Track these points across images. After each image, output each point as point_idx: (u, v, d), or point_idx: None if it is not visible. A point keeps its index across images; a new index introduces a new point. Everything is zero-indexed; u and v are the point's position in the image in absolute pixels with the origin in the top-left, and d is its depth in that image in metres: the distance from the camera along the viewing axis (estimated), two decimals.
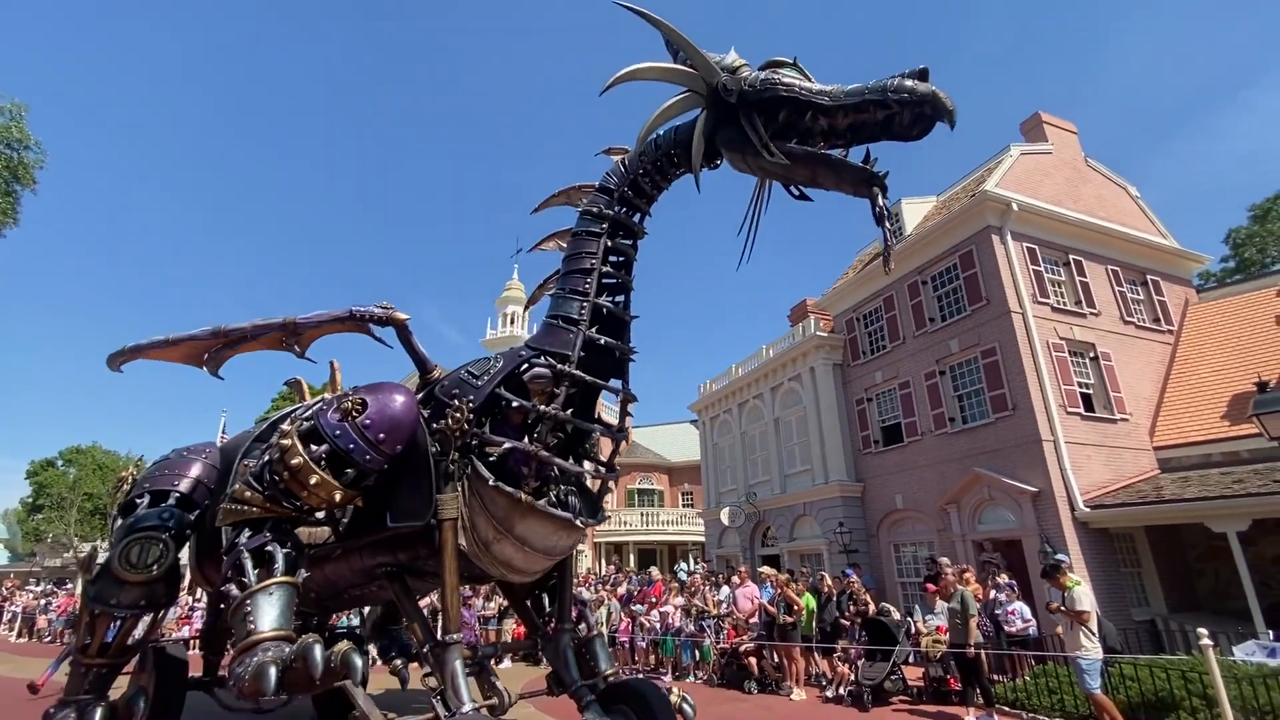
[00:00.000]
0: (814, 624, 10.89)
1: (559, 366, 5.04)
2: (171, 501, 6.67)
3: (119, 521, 6.79)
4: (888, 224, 4.41)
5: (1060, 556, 9.15)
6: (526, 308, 6.30)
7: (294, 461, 4.68)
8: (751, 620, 11.58)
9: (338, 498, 4.81)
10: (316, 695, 7.32)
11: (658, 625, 13.20)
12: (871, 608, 10.96)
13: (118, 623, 6.31)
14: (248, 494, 4.84)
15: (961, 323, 15.15)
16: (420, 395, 5.46)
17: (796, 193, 4.88)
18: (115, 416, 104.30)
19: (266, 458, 4.95)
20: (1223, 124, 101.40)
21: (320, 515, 5.41)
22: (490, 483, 4.73)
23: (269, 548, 4.58)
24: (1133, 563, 13.28)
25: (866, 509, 17.44)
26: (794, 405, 19.99)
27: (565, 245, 5.85)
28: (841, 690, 9.79)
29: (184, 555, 6.87)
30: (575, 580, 9.38)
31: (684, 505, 33.83)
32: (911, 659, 10.11)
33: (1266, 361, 13.55)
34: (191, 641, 15.42)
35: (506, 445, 4.85)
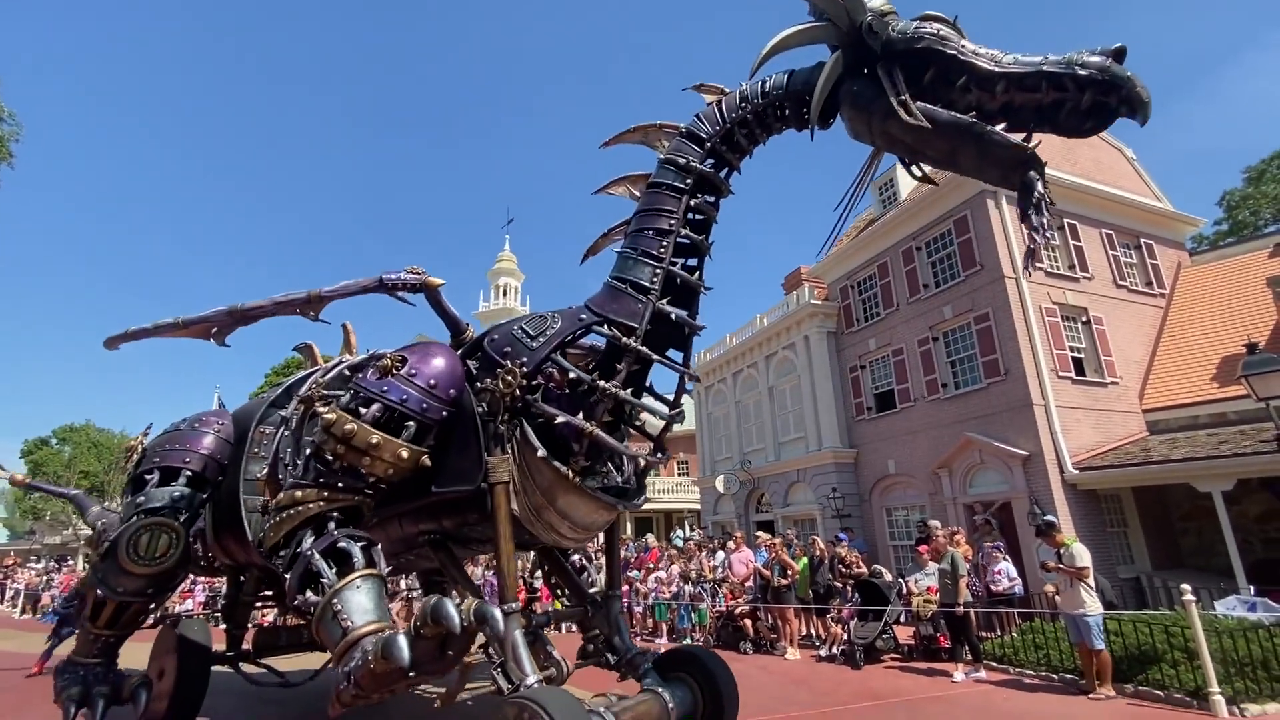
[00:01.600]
0: (807, 587, 11.12)
1: (624, 340, 4.58)
2: (182, 481, 6.42)
3: (128, 496, 6.63)
4: (1044, 216, 3.75)
5: (1049, 518, 9.34)
6: (586, 257, 5.64)
7: (347, 428, 4.27)
8: (746, 584, 11.81)
9: (404, 456, 4.39)
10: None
11: (653, 591, 13.45)
12: (863, 570, 11.18)
13: (123, 607, 6.25)
14: (299, 494, 4.42)
15: (955, 289, 15.14)
16: (461, 351, 5.11)
17: (919, 173, 4.26)
18: (107, 394, 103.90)
19: (309, 451, 4.54)
20: (1222, 85, 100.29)
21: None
22: (539, 454, 4.39)
23: (341, 544, 4.17)
24: (1119, 523, 13.55)
25: (859, 474, 17.67)
26: (788, 374, 20.07)
27: (638, 194, 5.21)
28: (834, 649, 10.04)
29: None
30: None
31: (679, 474, 34.18)
32: (903, 618, 10.36)
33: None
34: (203, 614, 15.62)
35: (560, 419, 4.46)
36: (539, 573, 14.58)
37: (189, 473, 6.47)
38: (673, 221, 4.83)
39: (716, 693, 4.92)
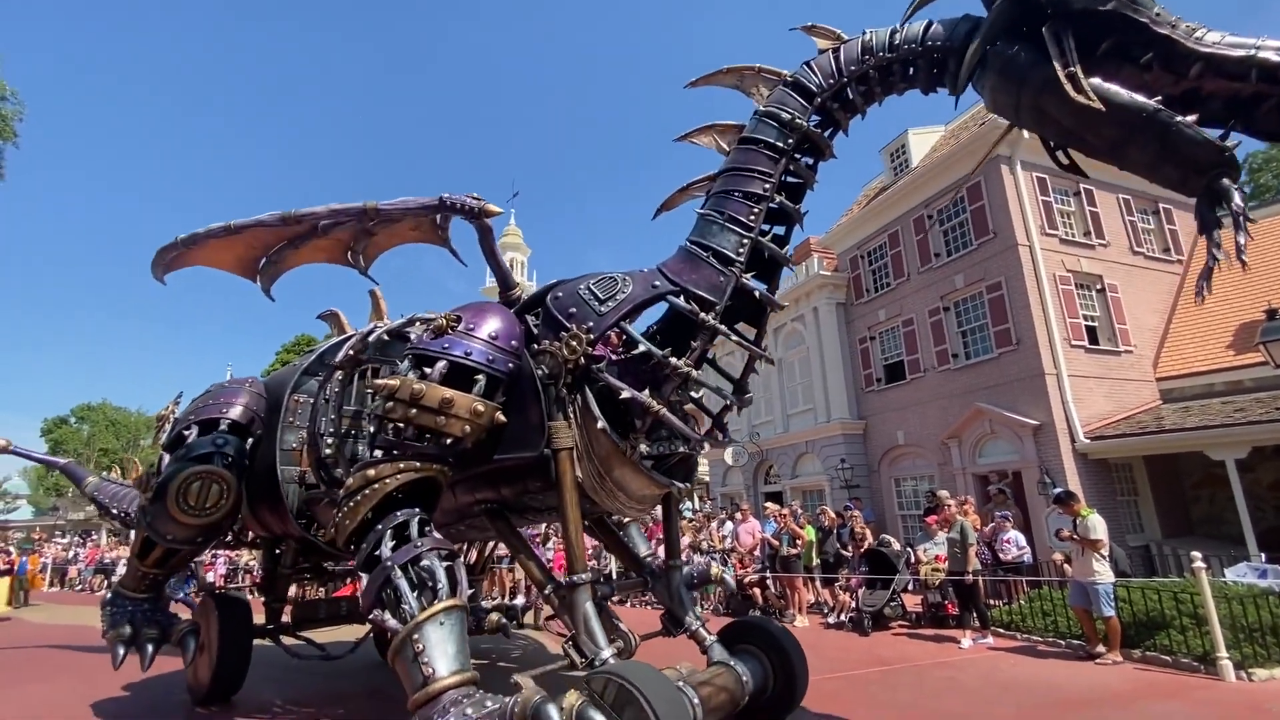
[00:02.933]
0: (816, 555, 11.22)
1: (702, 315, 4.23)
2: (224, 428, 6.24)
3: (165, 459, 6.44)
4: (1243, 232, 3.13)
5: (1058, 489, 9.33)
6: (659, 212, 5.08)
7: (415, 389, 3.95)
8: (754, 554, 11.93)
9: (480, 410, 4.07)
10: (380, 636, 6.89)
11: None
12: (869, 540, 11.26)
13: (173, 551, 6.19)
14: (370, 472, 4.05)
15: (967, 257, 14.91)
16: (517, 309, 4.82)
17: (1066, 160, 3.62)
18: (121, 374, 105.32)
19: (374, 428, 4.29)
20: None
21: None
22: (599, 425, 4.13)
23: (425, 561, 3.78)
24: (1130, 491, 13.52)
25: (868, 445, 17.68)
26: (797, 345, 19.97)
27: (727, 147, 4.72)
28: (843, 617, 10.16)
29: None
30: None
31: None
32: (911, 587, 10.45)
33: (1277, 290, 13.37)
34: (223, 588, 15.96)
35: (626, 394, 4.14)
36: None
37: (229, 421, 6.30)
38: (767, 186, 4.36)
39: (789, 667, 4.79)
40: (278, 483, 6.00)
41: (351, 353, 5.50)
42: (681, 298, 4.32)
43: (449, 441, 4.09)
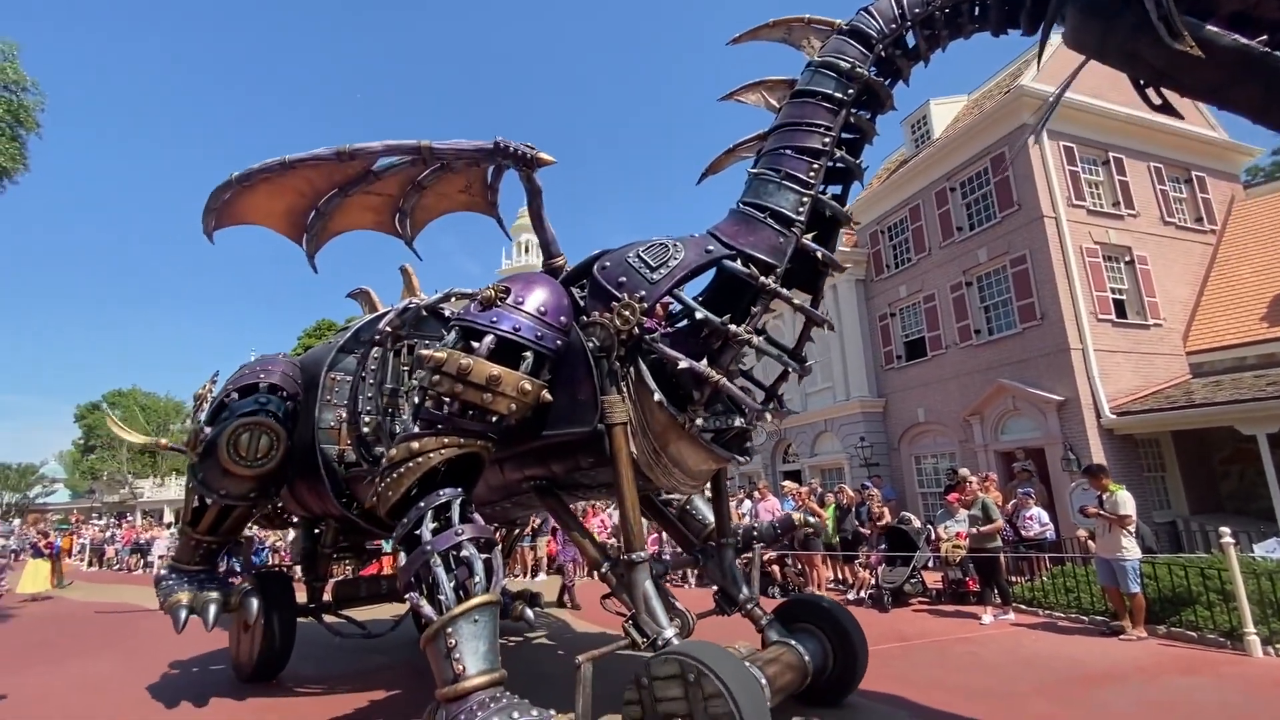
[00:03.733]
0: (835, 533, 11.24)
1: (762, 279, 4.04)
2: (264, 388, 6.22)
3: (206, 431, 6.34)
4: None
5: (1079, 480, 9.19)
6: (705, 176, 5.02)
7: (462, 363, 3.87)
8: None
9: (527, 389, 4.00)
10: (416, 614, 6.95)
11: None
12: (888, 517, 11.22)
13: (226, 510, 6.07)
14: (414, 445, 3.99)
15: (991, 230, 14.59)
16: (562, 279, 4.69)
17: (1158, 101, 3.31)
18: (149, 360, 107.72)
19: (418, 399, 4.23)
20: None
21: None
22: (655, 397, 4.00)
23: (464, 552, 3.81)
24: (1157, 467, 13.30)
25: (888, 423, 17.55)
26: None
27: (777, 103, 4.52)
28: (862, 594, 10.19)
29: None
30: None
31: None
32: (931, 564, 10.43)
33: None
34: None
35: (684, 364, 3.98)
36: (542, 540, 14.89)
37: (268, 384, 6.29)
38: (826, 140, 4.14)
39: (849, 646, 4.71)
40: (317, 462, 6.00)
41: (389, 329, 5.45)
42: (738, 261, 4.11)
43: (494, 419, 4.06)
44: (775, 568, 11.39)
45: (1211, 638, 6.66)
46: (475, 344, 4.08)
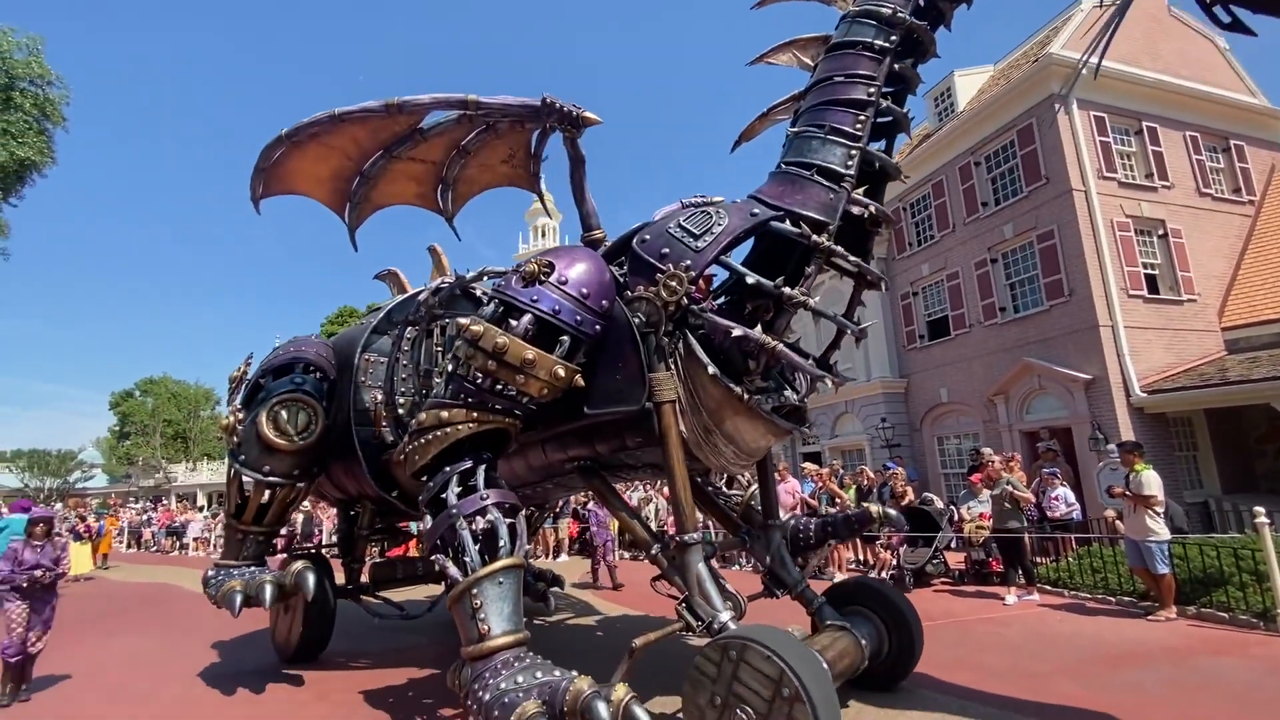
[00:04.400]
0: None
1: (815, 238, 3.90)
2: (299, 369, 6.20)
3: (242, 413, 6.35)
4: None
5: (1111, 446, 9.02)
6: (739, 144, 4.95)
7: (499, 341, 3.86)
8: (794, 513, 11.95)
9: (561, 374, 3.98)
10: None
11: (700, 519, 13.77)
12: (910, 497, 11.13)
13: (269, 491, 5.96)
14: (445, 414, 4.04)
15: (1017, 205, 14.22)
16: (601, 254, 4.58)
17: (1227, 18, 3.16)
18: (178, 348, 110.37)
19: (451, 367, 4.18)
20: None
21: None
22: (709, 370, 3.88)
23: (490, 515, 3.88)
24: (1189, 446, 13.01)
25: (910, 404, 17.35)
26: (835, 304, 19.47)
27: (811, 60, 4.43)
28: (883, 574, 10.16)
29: None
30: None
31: None
32: (954, 545, 10.35)
33: None
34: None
35: (737, 331, 3.85)
36: (563, 522, 14.96)
37: (303, 363, 6.25)
38: (871, 90, 4.02)
39: (905, 630, 4.60)
40: (353, 443, 6.00)
41: (424, 309, 5.43)
42: (787, 222, 3.98)
43: (525, 399, 4.07)
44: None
45: (1243, 619, 6.52)
46: (513, 321, 4.02)
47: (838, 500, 11.15)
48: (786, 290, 3.92)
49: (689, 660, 3.53)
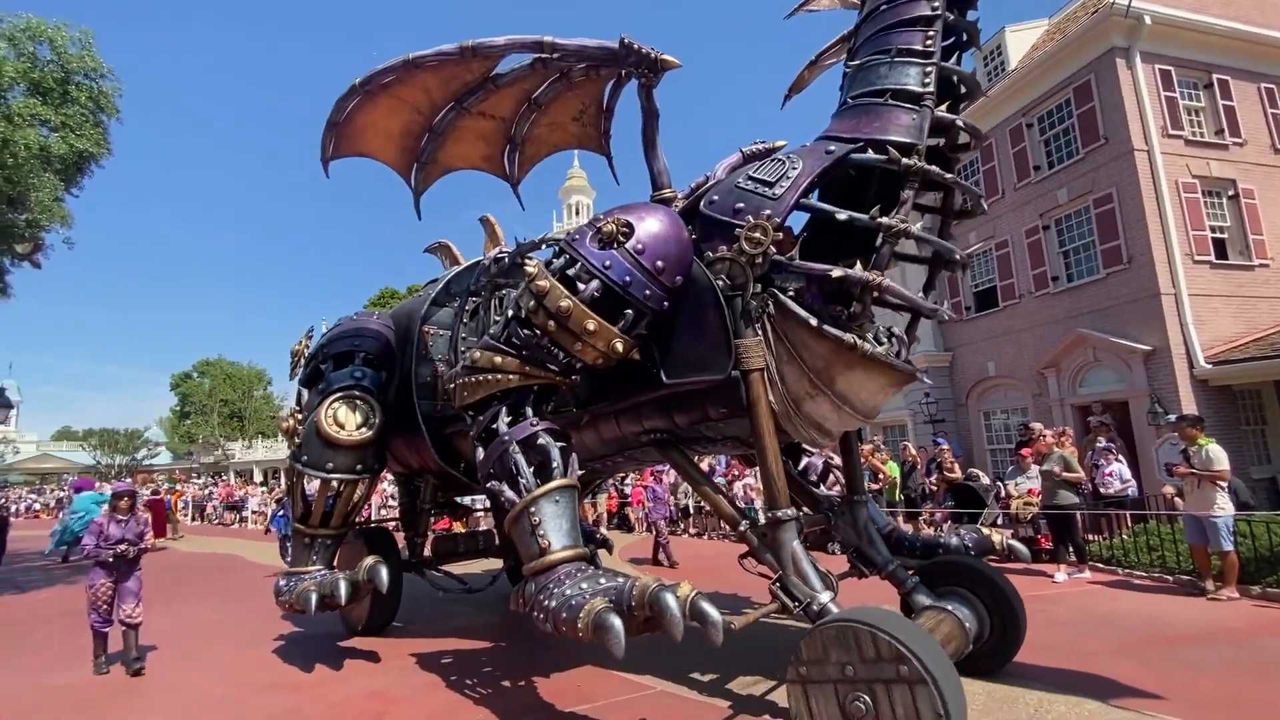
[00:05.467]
0: (898, 492, 11.01)
1: (907, 162, 3.65)
2: (359, 362, 6.22)
3: (304, 395, 6.49)
4: None
5: (1170, 417, 8.60)
6: (790, 96, 4.97)
7: (562, 305, 3.76)
8: (834, 489, 11.82)
9: (619, 348, 3.87)
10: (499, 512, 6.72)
11: (740, 496, 13.77)
12: (958, 473, 10.89)
13: (334, 490, 5.92)
14: (499, 359, 4.05)
15: (1073, 168, 13.49)
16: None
17: None
18: (232, 331, 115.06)
19: (511, 312, 4.11)
20: None
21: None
22: (812, 323, 3.64)
23: (541, 440, 3.90)
24: (1256, 420, 12.33)
25: (955, 378, 16.87)
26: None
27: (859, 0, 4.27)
28: None
29: None
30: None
31: None
32: (1000, 521, 10.09)
33: None
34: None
35: (837, 272, 3.64)
36: (601, 497, 14.95)
37: (363, 354, 6.27)
38: (935, 4, 3.81)
39: (1012, 615, 4.30)
40: (415, 416, 6.00)
41: (485, 279, 5.39)
42: (871, 150, 3.77)
43: (578, 365, 4.06)
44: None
45: None
46: (580, 284, 3.88)
47: (881, 476, 10.98)
48: (884, 219, 3.65)
49: (759, 640, 3.40)
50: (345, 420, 5.84)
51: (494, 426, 4.06)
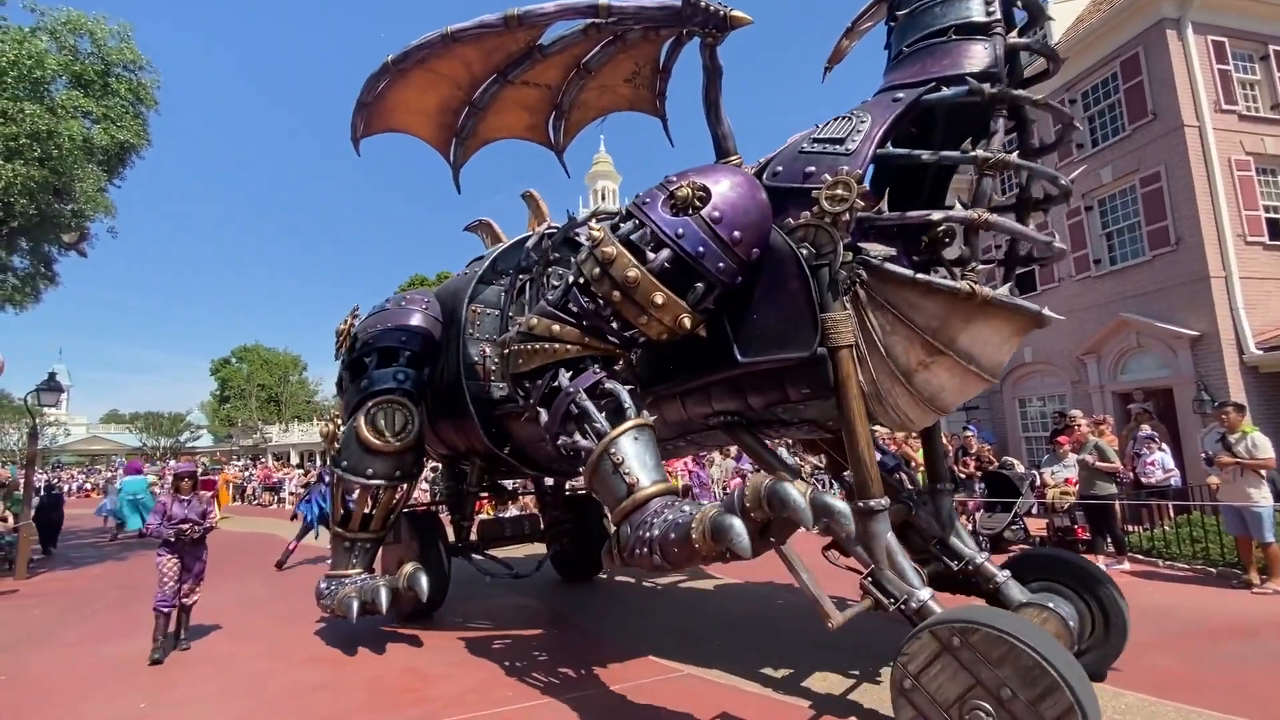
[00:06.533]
0: (925, 479, 10.85)
1: (991, 90, 3.45)
2: (403, 361, 6.10)
3: (346, 381, 6.43)
4: None
5: (1221, 405, 8.25)
6: (830, 68, 4.62)
7: (629, 275, 3.53)
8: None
9: (686, 324, 3.62)
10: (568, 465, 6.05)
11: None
12: (991, 461, 10.67)
13: (374, 496, 5.91)
14: (557, 328, 3.81)
15: (1118, 146, 12.96)
16: None
17: None
18: (267, 318, 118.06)
19: (572, 279, 3.87)
20: None
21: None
22: (920, 279, 3.34)
23: (606, 384, 3.70)
24: None
25: None
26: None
27: None
28: None
29: None
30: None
31: None
32: (1035, 510, 9.89)
33: None
34: None
35: (938, 215, 3.44)
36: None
37: (407, 352, 6.13)
38: None
39: (1116, 612, 3.98)
40: (462, 398, 5.87)
41: (536, 255, 5.19)
42: (946, 88, 3.56)
43: (641, 339, 3.84)
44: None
45: None
46: (650, 252, 3.62)
47: (911, 463, 10.82)
48: (980, 152, 3.41)
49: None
50: (384, 428, 5.76)
51: (555, 384, 3.82)
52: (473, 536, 7.25)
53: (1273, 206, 12.02)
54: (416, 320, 6.31)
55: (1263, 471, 6.60)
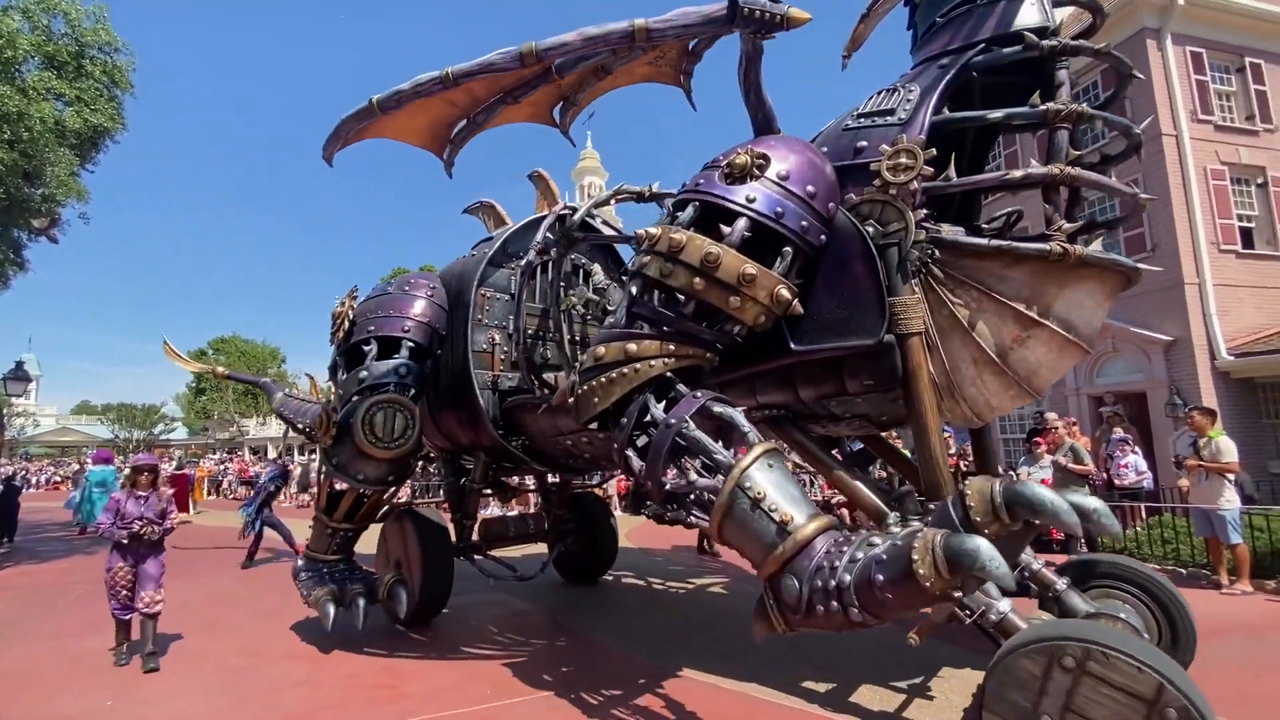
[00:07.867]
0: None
1: (1045, 43, 3.33)
2: (404, 353, 5.67)
3: (341, 369, 6.05)
4: None
5: (1191, 409, 8.46)
6: (849, 55, 4.39)
7: (710, 252, 3.07)
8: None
9: (784, 296, 3.15)
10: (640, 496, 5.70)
11: None
12: (963, 464, 10.80)
13: (363, 494, 5.72)
14: (633, 346, 3.25)
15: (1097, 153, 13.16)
16: None
17: None
18: (246, 309, 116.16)
19: (636, 288, 3.39)
20: None
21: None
22: (1004, 246, 3.11)
23: (717, 409, 3.12)
24: (1278, 414, 12.12)
25: None
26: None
27: None
28: None
29: None
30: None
31: None
32: None
33: None
34: None
35: (1018, 173, 3.21)
36: (611, 484, 14.70)
37: (410, 344, 5.69)
38: None
39: (1184, 620, 3.70)
40: (468, 389, 5.52)
41: (551, 236, 4.83)
42: (994, 49, 3.43)
43: (735, 329, 3.30)
44: (844, 510, 11.28)
45: None
46: (725, 229, 3.19)
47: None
48: (1050, 105, 3.23)
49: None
50: (382, 434, 5.37)
51: (647, 419, 3.21)
52: (475, 536, 6.91)
53: (1246, 215, 12.33)
54: (420, 308, 5.84)
55: (1229, 475, 6.76)
